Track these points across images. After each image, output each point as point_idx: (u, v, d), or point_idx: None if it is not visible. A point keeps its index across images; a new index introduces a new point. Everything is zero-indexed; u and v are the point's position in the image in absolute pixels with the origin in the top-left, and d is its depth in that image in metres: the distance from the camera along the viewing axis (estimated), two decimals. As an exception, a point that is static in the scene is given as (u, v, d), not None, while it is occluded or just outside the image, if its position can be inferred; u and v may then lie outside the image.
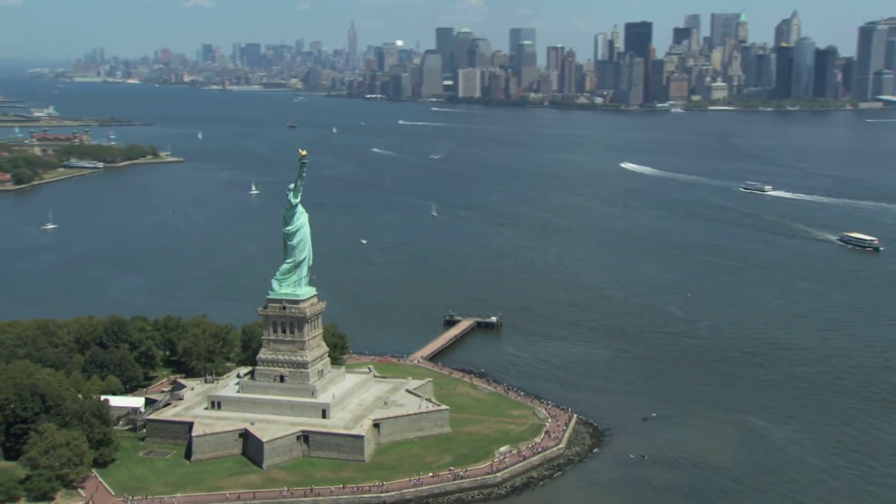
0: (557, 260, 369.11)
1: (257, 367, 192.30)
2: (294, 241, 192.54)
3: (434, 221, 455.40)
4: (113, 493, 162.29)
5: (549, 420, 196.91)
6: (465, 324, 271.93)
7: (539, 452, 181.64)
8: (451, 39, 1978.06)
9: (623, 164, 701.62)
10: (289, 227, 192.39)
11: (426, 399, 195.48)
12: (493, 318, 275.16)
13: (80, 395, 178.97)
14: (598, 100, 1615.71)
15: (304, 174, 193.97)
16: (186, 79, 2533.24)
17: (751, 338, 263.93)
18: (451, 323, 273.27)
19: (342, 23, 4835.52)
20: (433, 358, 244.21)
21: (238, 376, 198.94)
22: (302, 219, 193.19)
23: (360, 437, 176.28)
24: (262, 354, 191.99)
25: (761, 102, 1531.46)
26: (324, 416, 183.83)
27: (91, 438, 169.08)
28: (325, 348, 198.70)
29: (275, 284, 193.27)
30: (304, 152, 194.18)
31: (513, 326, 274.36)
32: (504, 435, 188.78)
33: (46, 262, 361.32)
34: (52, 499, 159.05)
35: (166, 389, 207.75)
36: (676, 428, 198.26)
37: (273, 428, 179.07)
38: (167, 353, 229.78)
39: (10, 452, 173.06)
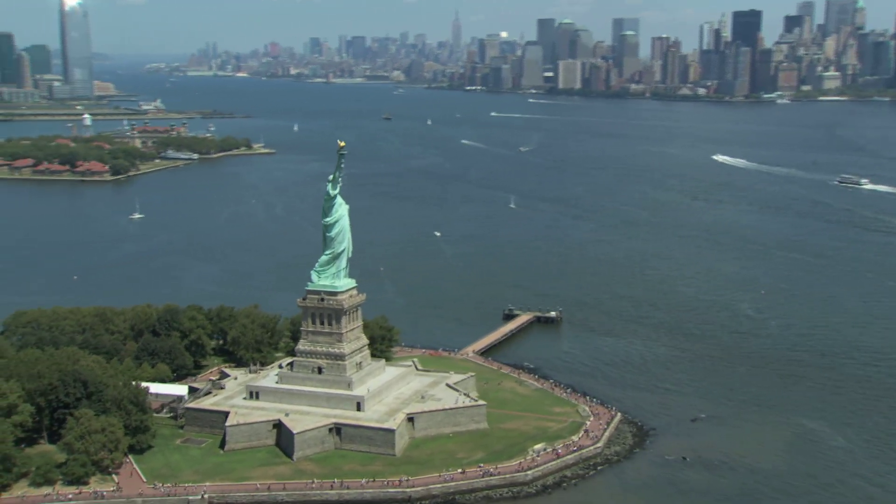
0: (630, 254, 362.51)
1: (296, 359, 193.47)
2: (332, 233, 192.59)
3: (511, 214, 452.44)
4: (144, 480, 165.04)
5: (591, 418, 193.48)
6: (523, 318, 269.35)
7: (575, 451, 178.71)
8: (553, 31, 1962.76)
9: (715, 157, 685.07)
10: (327, 219, 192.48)
11: (464, 394, 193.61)
12: (553, 313, 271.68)
13: (120, 383, 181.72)
14: (702, 91, 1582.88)
15: (343, 165, 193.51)
16: (293, 72, 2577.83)
17: (823, 338, 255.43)
18: (510, 317, 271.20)
19: (448, 15, 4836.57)
20: (486, 352, 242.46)
21: (280, 367, 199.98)
22: (340, 210, 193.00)
23: (391, 431, 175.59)
24: (301, 346, 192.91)
25: (877, 92, 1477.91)
26: (358, 409, 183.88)
27: (128, 425, 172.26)
28: (364, 341, 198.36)
29: (314, 276, 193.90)
30: (342, 143, 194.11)
31: (573, 322, 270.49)
32: (542, 432, 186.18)
33: (127, 252, 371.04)
34: (86, 483, 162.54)
35: (213, 378, 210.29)
36: (725, 430, 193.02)
37: (306, 419, 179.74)
38: (220, 342, 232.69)
39: (54, 437, 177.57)
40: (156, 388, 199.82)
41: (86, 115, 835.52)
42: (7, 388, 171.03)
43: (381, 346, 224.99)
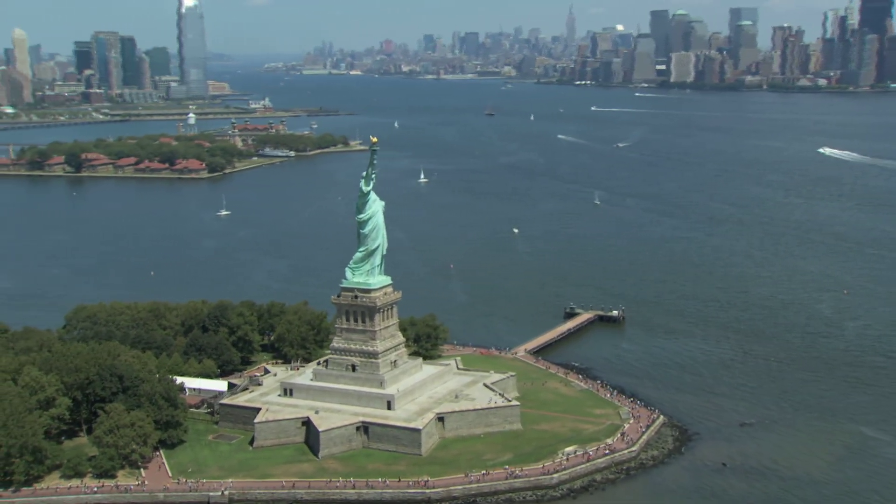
0: (712, 252, 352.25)
1: (331, 356, 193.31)
2: (366, 230, 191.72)
3: (595, 210, 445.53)
4: (170, 475, 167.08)
5: (631, 421, 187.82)
6: (584, 317, 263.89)
7: (607, 454, 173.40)
8: (666, 22, 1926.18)
9: (822, 150, 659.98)
10: (361, 216, 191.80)
11: (500, 394, 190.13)
12: (615, 312, 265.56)
13: (157, 377, 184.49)
14: (823, 81, 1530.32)
15: (375, 162, 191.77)
16: (405, 69, 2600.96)
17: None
18: (571, 315, 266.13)
19: (564, 9, 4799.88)
20: (539, 352, 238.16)
21: (318, 364, 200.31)
22: (374, 207, 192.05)
23: (418, 431, 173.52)
24: (335, 343, 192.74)
25: None
26: (389, 408, 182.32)
27: (158, 420, 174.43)
28: (399, 339, 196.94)
29: (348, 273, 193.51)
30: (375, 139, 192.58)
31: (636, 321, 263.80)
32: (576, 434, 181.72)
33: (207, 248, 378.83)
34: (113, 476, 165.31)
35: (257, 374, 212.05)
36: (774, 436, 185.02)
37: (334, 417, 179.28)
38: (270, 338, 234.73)
39: (91, 430, 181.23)
40: (194, 383, 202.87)
41: (190, 115, 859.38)
42: (45, 381, 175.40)
43: (427, 344, 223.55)
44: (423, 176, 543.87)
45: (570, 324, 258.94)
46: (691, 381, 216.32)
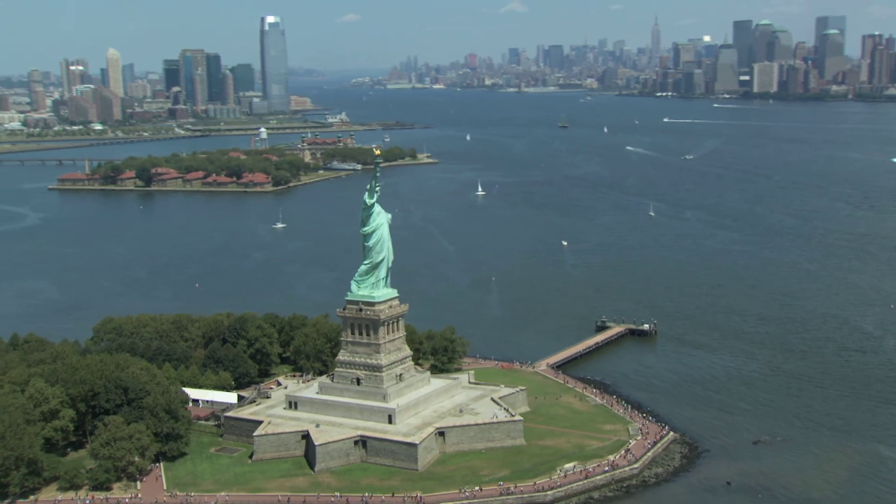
0: (762, 265, 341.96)
1: (336, 369, 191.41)
2: (370, 242, 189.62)
3: (648, 223, 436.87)
4: (165, 488, 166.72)
5: (639, 437, 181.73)
6: (614, 330, 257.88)
7: (607, 471, 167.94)
8: (750, 32, 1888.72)
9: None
10: (365, 228, 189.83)
11: (504, 409, 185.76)
12: (646, 326, 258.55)
13: (162, 389, 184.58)
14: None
15: (378, 174, 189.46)
16: (487, 82, 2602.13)
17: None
18: (602, 329, 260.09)
19: (651, 21, 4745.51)
20: (563, 365, 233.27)
21: (325, 377, 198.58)
22: (379, 219, 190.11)
23: (414, 445, 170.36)
24: (341, 356, 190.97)
25: None
26: (390, 422, 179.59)
27: (158, 432, 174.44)
28: (406, 352, 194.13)
29: (353, 286, 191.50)
30: (378, 151, 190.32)
31: (670, 335, 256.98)
32: (579, 450, 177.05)
33: (257, 260, 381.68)
34: (109, 489, 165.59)
35: (271, 387, 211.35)
36: (787, 454, 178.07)
37: (333, 431, 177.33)
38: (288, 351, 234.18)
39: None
40: (206, 395, 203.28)
41: (262, 129, 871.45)
42: (50, 393, 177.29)
43: (443, 357, 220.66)
44: (480, 188, 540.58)
45: (600, 337, 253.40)
46: (712, 397, 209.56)
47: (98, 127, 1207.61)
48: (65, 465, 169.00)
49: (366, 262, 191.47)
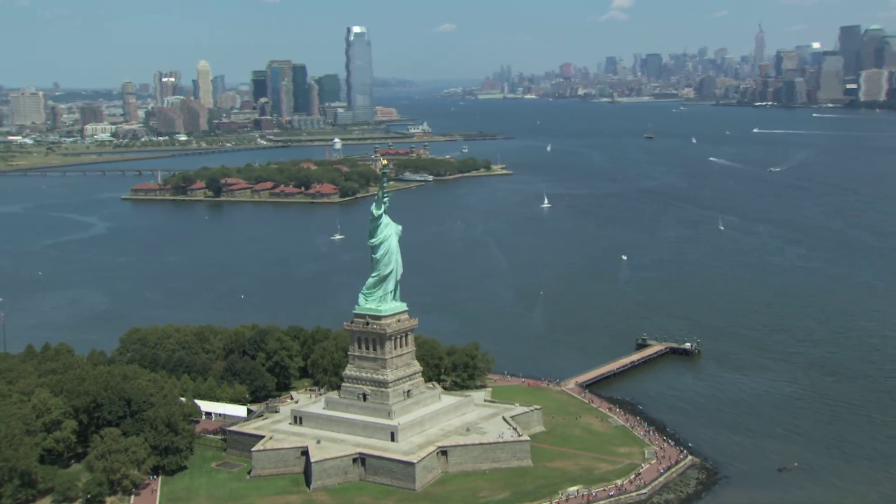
0: (828, 282, 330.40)
1: (343, 384, 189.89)
2: (378, 255, 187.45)
3: (716, 237, 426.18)
4: (157, 503, 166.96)
5: (654, 461, 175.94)
6: (655, 348, 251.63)
7: (612, 496, 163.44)
8: (858, 38, 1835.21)
9: None
10: (372, 240, 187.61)
11: (513, 428, 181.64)
12: (688, 345, 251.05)
13: (167, 401, 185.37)
14: None
15: (385, 185, 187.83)
16: (580, 92, 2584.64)
17: None
18: (643, 346, 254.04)
19: (755, 27, 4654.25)
20: (594, 384, 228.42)
21: (335, 391, 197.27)
22: (386, 231, 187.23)
23: (412, 465, 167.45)
24: (348, 371, 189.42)
25: None
26: (392, 439, 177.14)
27: (156, 445, 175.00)
28: (415, 368, 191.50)
29: (360, 299, 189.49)
30: (384, 161, 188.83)
31: (713, 355, 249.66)
32: (587, 473, 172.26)
33: (307, 271, 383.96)
34: (101, 502, 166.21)
35: (287, 401, 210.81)
36: (811, 483, 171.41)
37: (332, 448, 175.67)
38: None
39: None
40: (217, 408, 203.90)
41: (336, 140, 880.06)
42: (52, 403, 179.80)
43: (463, 374, 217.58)
44: (546, 201, 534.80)
45: (638, 355, 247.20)
46: (743, 420, 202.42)
47: (183, 138, 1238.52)
48: (60, 477, 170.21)
49: (373, 274, 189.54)
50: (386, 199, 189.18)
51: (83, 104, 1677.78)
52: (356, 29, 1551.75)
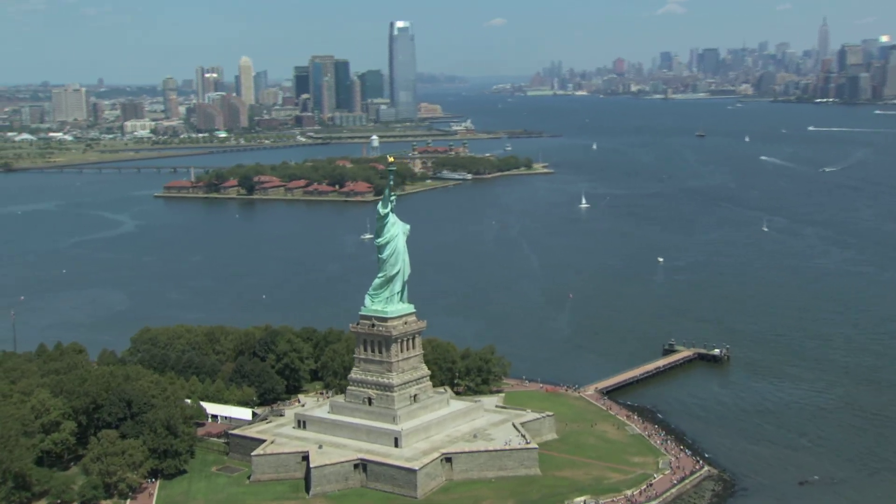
0: (873, 288, 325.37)
1: (348, 388, 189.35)
2: (384, 255, 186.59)
3: (759, 239, 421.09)
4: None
5: (667, 471, 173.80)
6: (682, 354, 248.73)
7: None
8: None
9: None
10: (378, 240, 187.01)
11: (522, 435, 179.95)
12: (717, 351, 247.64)
13: (168, 403, 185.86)
14: None
15: (392, 183, 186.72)
16: (633, 88, 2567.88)
17: None
18: (670, 352, 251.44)
19: (819, 20, 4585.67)
20: (616, 390, 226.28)
21: (342, 395, 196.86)
22: (393, 230, 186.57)
23: (413, 471, 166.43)
24: (353, 374, 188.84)
25: None
26: (396, 445, 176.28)
27: (154, 448, 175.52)
28: (423, 371, 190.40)
29: (367, 300, 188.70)
30: (391, 159, 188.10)
31: (744, 361, 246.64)
32: (596, 483, 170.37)
33: (332, 271, 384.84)
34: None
35: (294, 404, 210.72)
36: (831, 497, 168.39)
37: (334, 453, 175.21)
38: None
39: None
40: (223, 410, 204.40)
41: (374, 137, 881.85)
42: (51, 404, 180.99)
43: (477, 378, 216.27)
44: (584, 201, 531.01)
45: (664, 361, 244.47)
46: (768, 430, 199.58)
47: (222, 135, 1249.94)
48: (56, 480, 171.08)
49: (380, 275, 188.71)
50: (393, 198, 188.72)
51: (125, 100, 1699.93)
52: (400, 24, 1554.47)
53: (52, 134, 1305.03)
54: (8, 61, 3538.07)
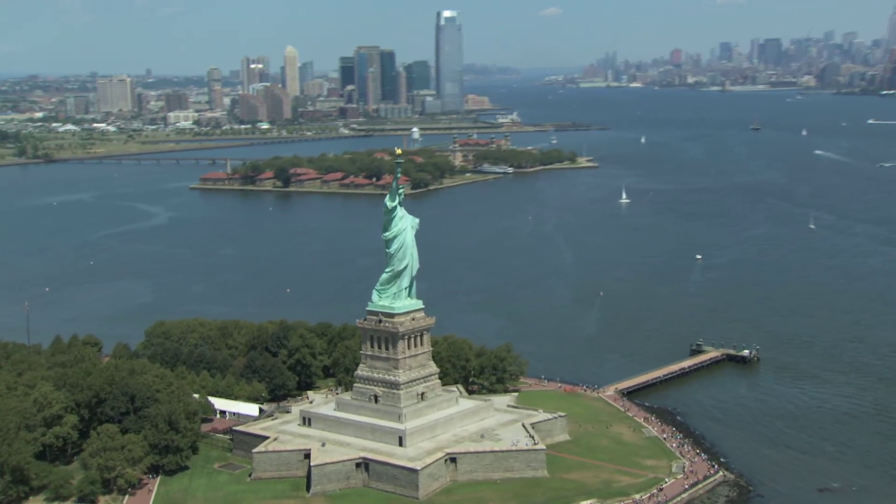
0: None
1: (355, 385, 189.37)
2: (392, 249, 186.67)
3: (805, 237, 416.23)
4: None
5: (680, 476, 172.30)
6: (709, 355, 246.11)
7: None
8: None
9: None
10: (386, 234, 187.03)
11: (530, 436, 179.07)
12: (746, 352, 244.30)
13: (173, 398, 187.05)
14: None
15: (399, 175, 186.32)
16: (690, 80, 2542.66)
17: None
18: (697, 352, 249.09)
19: (888, 8, 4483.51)
20: (637, 391, 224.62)
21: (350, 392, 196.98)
22: (401, 224, 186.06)
23: (415, 471, 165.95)
24: (360, 371, 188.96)
25: None
26: (400, 444, 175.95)
27: (155, 444, 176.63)
28: (431, 369, 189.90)
29: (374, 295, 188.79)
30: (399, 151, 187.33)
31: (775, 363, 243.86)
32: (605, 486, 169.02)
33: (361, 266, 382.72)
34: (94, 501, 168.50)
35: (305, 401, 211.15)
36: None
37: (336, 452, 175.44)
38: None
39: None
40: (230, 406, 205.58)
41: (415, 129, 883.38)
42: (54, 397, 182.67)
43: (491, 377, 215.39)
44: (624, 195, 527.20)
45: (689, 362, 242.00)
46: (792, 435, 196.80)
47: (265, 126, 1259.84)
48: (55, 475, 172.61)
49: (387, 269, 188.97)
50: (401, 191, 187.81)
51: (171, 91, 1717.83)
52: (447, 13, 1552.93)
53: (95, 125, 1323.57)
54: (58, 52, 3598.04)
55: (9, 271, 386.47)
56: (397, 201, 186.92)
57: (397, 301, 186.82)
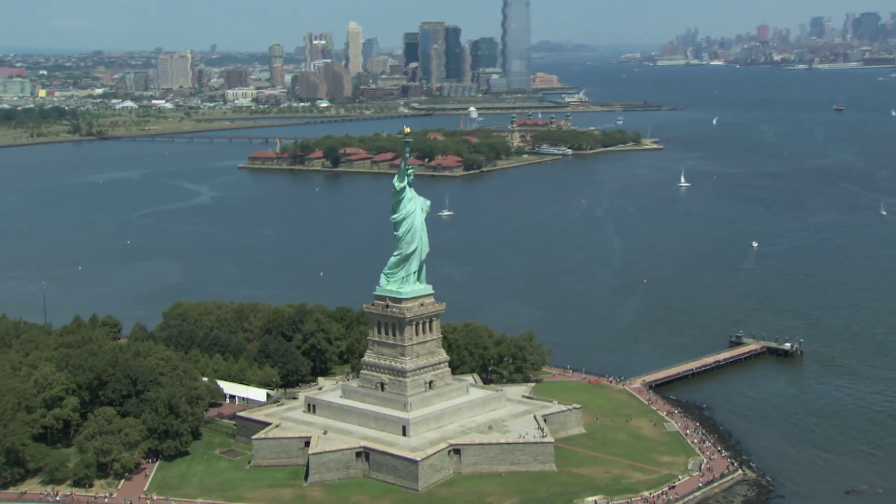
0: None
1: (361, 371, 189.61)
2: (400, 232, 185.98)
3: (873, 224, 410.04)
4: (144, 489, 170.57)
5: (696, 473, 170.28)
6: (749, 347, 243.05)
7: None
8: None
9: None
10: (394, 216, 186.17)
11: (540, 428, 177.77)
12: (788, 345, 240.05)
13: (176, 381, 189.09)
14: None
15: (408, 155, 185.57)
16: (776, 58, 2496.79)
17: None
18: (737, 344, 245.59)
19: None
20: (665, 384, 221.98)
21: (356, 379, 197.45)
22: (410, 206, 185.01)
23: (415, 462, 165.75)
24: (366, 357, 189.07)
25: None
26: (404, 434, 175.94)
27: (154, 428, 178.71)
28: (441, 357, 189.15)
29: (382, 279, 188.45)
30: (408, 130, 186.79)
31: (818, 357, 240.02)
32: (614, 483, 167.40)
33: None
34: (90, 485, 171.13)
35: (318, 387, 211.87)
36: None
37: (336, 440, 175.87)
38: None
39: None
40: (237, 391, 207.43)
41: (472, 109, 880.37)
42: (54, 378, 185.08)
43: (510, 366, 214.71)
44: (683, 179, 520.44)
45: (727, 354, 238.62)
46: (826, 433, 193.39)
47: (324, 104, 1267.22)
48: (51, 458, 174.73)
49: (395, 253, 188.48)
50: (410, 172, 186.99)
51: (233, 67, 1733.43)
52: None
53: (153, 102, 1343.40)
54: (124, 28, 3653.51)
55: (44, 249, 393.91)
56: (406, 182, 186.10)
57: (405, 286, 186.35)
